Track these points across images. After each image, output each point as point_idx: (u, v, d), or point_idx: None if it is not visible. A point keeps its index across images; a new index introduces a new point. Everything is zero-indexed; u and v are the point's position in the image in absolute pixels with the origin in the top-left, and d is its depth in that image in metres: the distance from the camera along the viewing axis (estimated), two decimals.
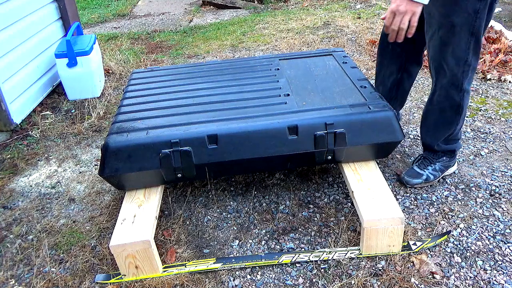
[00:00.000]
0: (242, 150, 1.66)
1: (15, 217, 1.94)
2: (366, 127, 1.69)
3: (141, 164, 1.64)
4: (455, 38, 1.58)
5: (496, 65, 2.98)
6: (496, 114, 2.46)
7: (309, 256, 1.60)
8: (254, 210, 1.87)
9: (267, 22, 4.47)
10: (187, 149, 1.63)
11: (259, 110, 1.77)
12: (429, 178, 1.89)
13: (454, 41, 1.59)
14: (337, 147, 1.69)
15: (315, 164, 1.89)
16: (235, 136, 1.65)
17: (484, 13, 1.53)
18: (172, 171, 1.67)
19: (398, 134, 1.71)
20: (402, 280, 1.49)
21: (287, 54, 2.36)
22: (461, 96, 1.70)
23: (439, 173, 1.90)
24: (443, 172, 1.92)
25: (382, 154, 1.84)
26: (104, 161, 1.64)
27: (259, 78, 2.06)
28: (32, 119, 2.72)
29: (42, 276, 1.62)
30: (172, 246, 1.71)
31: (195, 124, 1.70)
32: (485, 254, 1.58)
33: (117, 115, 1.86)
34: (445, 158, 1.90)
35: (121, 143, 1.64)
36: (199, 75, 2.15)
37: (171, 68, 2.31)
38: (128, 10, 5.63)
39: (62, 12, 3.24)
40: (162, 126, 1.71)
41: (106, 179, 1.69)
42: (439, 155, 1.90)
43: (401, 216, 1.51)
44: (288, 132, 1.66)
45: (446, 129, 1.81)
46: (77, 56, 2.83)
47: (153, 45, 4.09)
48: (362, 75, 2.01)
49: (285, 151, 1.68)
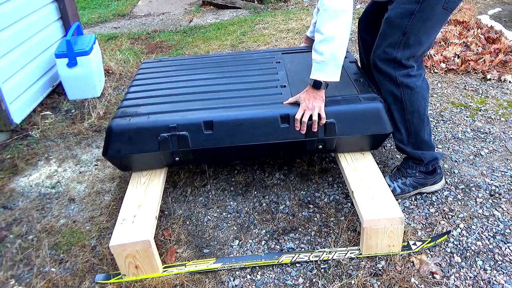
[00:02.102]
0: (236, 137, 1.73)
1: (15, 217, 1.94)
2: (356, 118, 1.74)
3: (142, 146, 1.73)
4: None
5: (496, 65, 2.98)
6: (496, 114, 2.46)
7: (309, 256, 1.60)
8: (254, 210, 1.87)
9: (267, 22, 4.47)
10: (184, 133, 1.71)
11: (254, 99, 1.83)
12: (395, 190, 1.82)
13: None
14: (327, 137, 1.74)
15: (306, 153, 1.99)
16: (230, 123, 1.73)
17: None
18: (170, 155, 1.76)
19: (387, 126, 1.75)
20: (402, 280, 1.49)
21: (290, 49, 2.41)
22: (400, 90, 1.70)
23: (410, 188, 1.83)
24: (416, 188, 1.84)
25: (372, 146, 1.87)
26: (107, 142, 1.74)
27: (259, 70, 2.12)
28: (32, 119, 2.72)
29: (42, 276, 1.62)
30: (172, 246, 1.71)
31: (193, 111, 1.78)
32: (485, 254, 1.58)
33: (122, 101, 1.95)
34: (419, 175, 1.82)
35: (123, 126, 1.73)
36: (203, 67, 2.24)
37: (178, 59, 2.41)
38: (128, 10, 5.63)
39: (62, 12, 3.23)
40: (162, 112, 1.80)
41: (108, 159, 1.80)
42: (412, 168, 1.82)
43: (401, 216, 1.51)
44: (280, 120, 1.72)
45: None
46: (77, 56, 2.83)
47: (153, 45, 4.09)
48: (358, 69, 2.06)
49: (277, 139, 1.74)
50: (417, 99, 1.71)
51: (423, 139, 1.79)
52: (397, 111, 1.75)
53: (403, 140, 1.80)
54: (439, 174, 1.87)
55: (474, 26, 3.54)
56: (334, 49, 1.58)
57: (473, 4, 4.27)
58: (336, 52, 1.58)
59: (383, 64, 1.70)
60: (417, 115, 1.73)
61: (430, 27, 1.62)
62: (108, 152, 1.74)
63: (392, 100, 1.74)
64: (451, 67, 3.00)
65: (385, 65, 1.69)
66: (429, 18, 1.59)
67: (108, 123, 1.83)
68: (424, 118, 1.75)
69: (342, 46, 1.58)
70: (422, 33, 1.62)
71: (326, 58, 1.59)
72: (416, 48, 1.64)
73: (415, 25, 1.59)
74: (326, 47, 1.58)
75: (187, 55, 3.73)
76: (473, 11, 3.99)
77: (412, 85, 1.69)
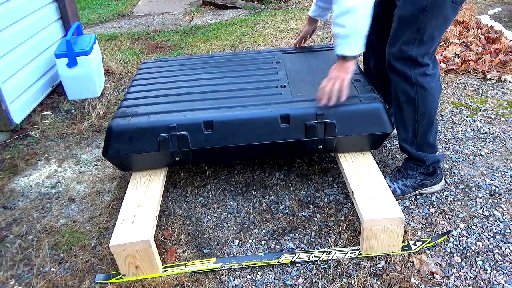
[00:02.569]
0: (236, 137, 1.73)
1: (15, 217, 1.94)
2: (356, 118, 1.74)
3: (142, 146, 1.73)
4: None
5: (496, 65, 2.98)
6: (496, 114, 2.46)
7: (309, 256, 1.60)
8: (254, 210, 1.87)
9: (267, 22, 4.47)
10: (184, 133, 1.71)
11: (254, 99, 1.83)
12: (395, 191, 1.81)
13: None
14: (327, 137, 1.74)
15: (306, 152, 1.99)
16: (230, 123, 1.73)
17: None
18: (170, 155, 1.76)
19: (387, 126, 1.76)
20: (402, 280, 1.49)
21: (290, 49, 2.41)
22: (414, 90, 1.68)
23: (410, 189, 1.83)
24: (416, 189, 1.84)
25: (372, 146, 1.87)
26: (107, 142, 1.74)
27: (259, 70, 2.12)
28: (32, 119, 2.72)
29: (42, 276, 1.62)
30: (172, 246, 1.71)
31: (193, 111, 1.78)
32: (485, 254, 1.58)
33: (122, 101, 1.95)
34: (419, 176, 1.82)
35: (123, 126, 1.73)
36: (204, 66, 2.24)
37: (178, 59, 2.41)
38: (128, 10, 5.63)
39: (62, 12, 3.23)
40: (162, 112, 1.80)
41: (108, 159, 1.80)
42: (413, 169, 1.82)
43: (401, 216, 1.51)
44: (280, 120, 1.72)
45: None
46: (77, 56, 2.83)
47: (153, 45, 4.09)
48: (358, 69, 2.05)
49: (277, 139, 1.74)
50: (430, 100, 1.70)
51: (429, 141, 1.78)
52: (408, 110, 1.73)
53: (407, 140, 1.80)
54: (439, 175, 1.87)
55: (474, 26, 3.54)
56: (356, 20, 1.53)
57: (473, 4, 4.27)
58: (358, 24, 1.53)
59: (398, 63, 1.67)
60: (427, 116, 1.72)
61: (442, 22, 1.61)
62: (108, 152, 1.75)
63: (405, 100, 1.72)
64: (451, 67, 3.00)
65: (401, 64, 1.66)
66: (441, 13, 1.57)
67: (108, 123, 1.84)
68: (434, 120, 1.75)
69: (364, 16, 1.53)
70: (435, 29, 1.60)
71: (348, 30, 1.54)
72: (430, 44, 1.63)
73: (428, 20, 1.57)
74: (347, 19, 1.52)
75: (187, 55, 3.73)
76: (473, 11, 3.99)
77: (427, 85, 1.67)
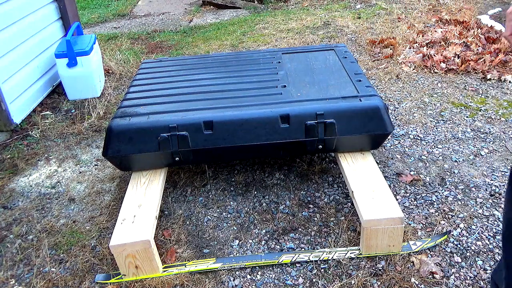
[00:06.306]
0: (236, 137, 1.73)
1: (15, 217, 1.94)
2: (356, 118, 1.74)
3: (141, 146, 1.74)
4: None
5: (496, 65, 2.97)
6: (496, 114, 2.46)
7: (309, 256, 1.60)
8: (254, 210, 1.87)
9: (267, 22, 4.47)
10: (184, 133, 1.71)
11: (255, 99, 1.84)
12: None
13: None
14: (327, 137, 1.74)
15: (306, 152, 1.98)
16: (230, 123, 1.73)
17: None
18: (170, 155, 1.76)
19: (387, 126, 1.76)
20: (402, 280, 1.49)
21: (290, 49, 2.42)
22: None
23: None
24: None
25: (372, 146, 1.87)
26: (107, 142, 1.74)
27: (259, 70, 2.13)
28: (32, 119, 2.72)
29: (42, 276, 1.62)
30: (172, 246, 1.71)
31: (193, 111, 1.78)
32: (485, 254, 1.58)
33: (122, 101, 1.95)
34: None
35: (123, 126, 1.74)
36: (204, 66, 2.25)
37: (178, 59, 2.41)
38: (128, 10, 5.62)
39: (62, 12, 3.24)
40: (162, 112, 1.80)
41: (109, 159, 1.80)
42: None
43: (401, 216, 1.51)
44: (280, 121, 1.72)
45: None
46: (77, 56, 2.83)
47: (153, 45, 4.09)
48: (359, 70, 2.06)
49: (277, 139, 1.74)
50: None
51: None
52: None
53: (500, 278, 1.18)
54: None
55: (474, 26, 3.53)
56: None
57: (473, 4, 4.27)
58: None
59: None
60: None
61: None
62: (108, 152, 1.75)
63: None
64: (451, 67, 3.00)
65: None
66: None
67: (108, 123, 1.84)
68: None
69: None
70: None
71: None
72: None
73: None
74: None
75: (187, 55, 3.73)
76: (473, 11, 3.99)
77: None
